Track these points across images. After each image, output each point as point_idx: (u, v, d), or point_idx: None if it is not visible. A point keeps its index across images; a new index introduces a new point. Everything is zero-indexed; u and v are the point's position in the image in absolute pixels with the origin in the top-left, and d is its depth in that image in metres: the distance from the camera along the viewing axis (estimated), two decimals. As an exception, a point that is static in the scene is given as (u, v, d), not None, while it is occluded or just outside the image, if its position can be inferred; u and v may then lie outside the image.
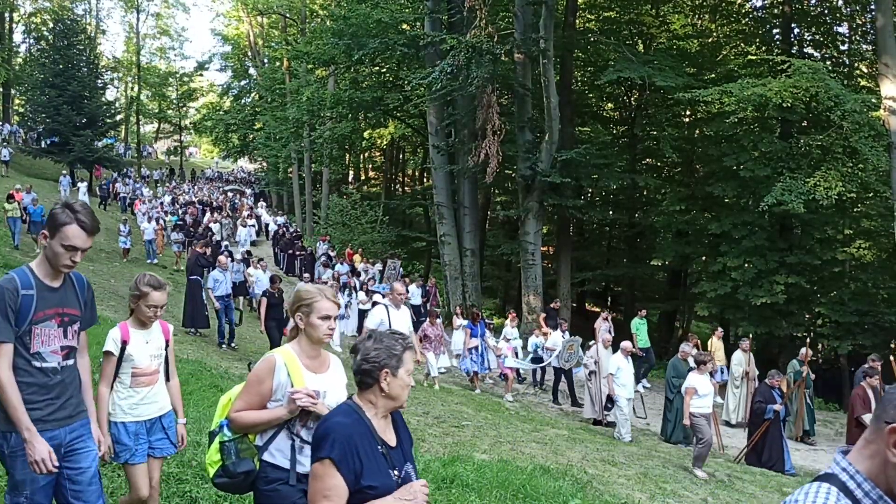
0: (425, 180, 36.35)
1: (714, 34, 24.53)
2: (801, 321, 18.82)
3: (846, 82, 17.74)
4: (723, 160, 19.25)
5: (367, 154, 45.74)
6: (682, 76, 18.96)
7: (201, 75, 55.90)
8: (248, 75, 49.67)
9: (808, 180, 14.99)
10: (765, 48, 21.09)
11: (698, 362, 8.41)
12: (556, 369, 13.12)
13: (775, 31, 22.21)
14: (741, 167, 18.62)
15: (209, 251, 15.32)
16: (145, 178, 44.19)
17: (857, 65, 21.84)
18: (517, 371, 13.88)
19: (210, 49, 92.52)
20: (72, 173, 29.42)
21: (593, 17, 25.75)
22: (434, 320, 12.48)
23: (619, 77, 19.42)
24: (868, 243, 20.67)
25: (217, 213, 29.26)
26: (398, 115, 28.41)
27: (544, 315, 16.88)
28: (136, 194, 31.98)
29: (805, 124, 19.09)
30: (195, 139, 66.03)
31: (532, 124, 19.40)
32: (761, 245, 17.94)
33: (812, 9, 21.70)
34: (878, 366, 9.50)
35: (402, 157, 43.42)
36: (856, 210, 19.80)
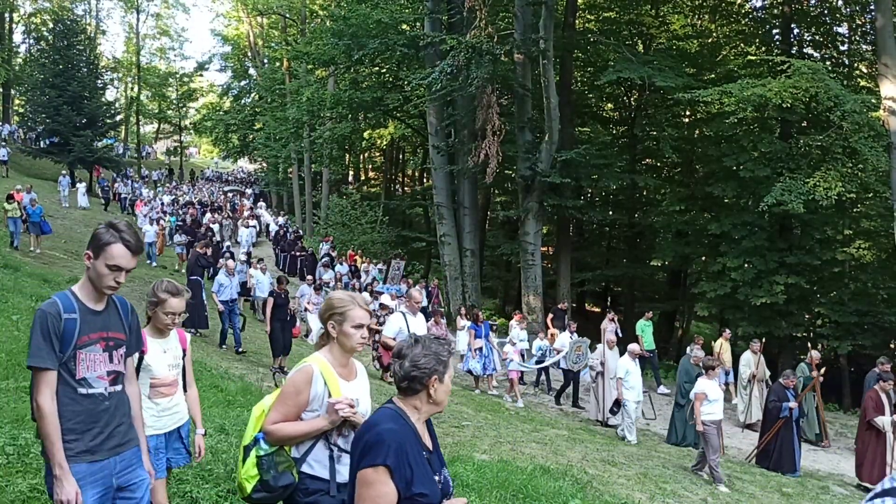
0: (425, 180, 36.35)
1: (714, 34, 24.53)
2: (801, 321, 18.82)
3: (846, 82, 17.73)
4: (722, 160, 19.26)
5: (367, 154, 45.76)
6: (681, 76, 18.97)
7: (201, 75, 56.07)
8: (247, 76, 49.69)
9: (807, 180, 15.00)
10: (764, 48, 21.11)
11: (706, 367, 8.24)
12: (564, 371, 12.89)
13: (775, 31, 22.20)
14: (741, 167, 18.62)
15: (209, 251, 15.32)
16: (144, 178, 44.19)
17: (856, 65, 21.84)
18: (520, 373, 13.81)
19: (210, 49, 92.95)
20: (71, 174, 29.40)
21: (593, 18, 25.76)
22: (439, 320, 12.47)
23: (618, 77, 19.43)
24: (868, 243, 20.65)
25: (217, 214, 29.23)
26: (398, 115, 28.42)
27: (551, 316, 16.73)
28: (136, 195, 31.97)
29: (805, 124, 19.09)
30: (195, 139, 66.05)
31: (532, 124, 19.40)
32: (761, 245, 17.94)
33: (812, 9, 21.69)
34: (888, 368, 9.44)
35: (402, 157, 43.42)
36: (855, 210, 19.81)
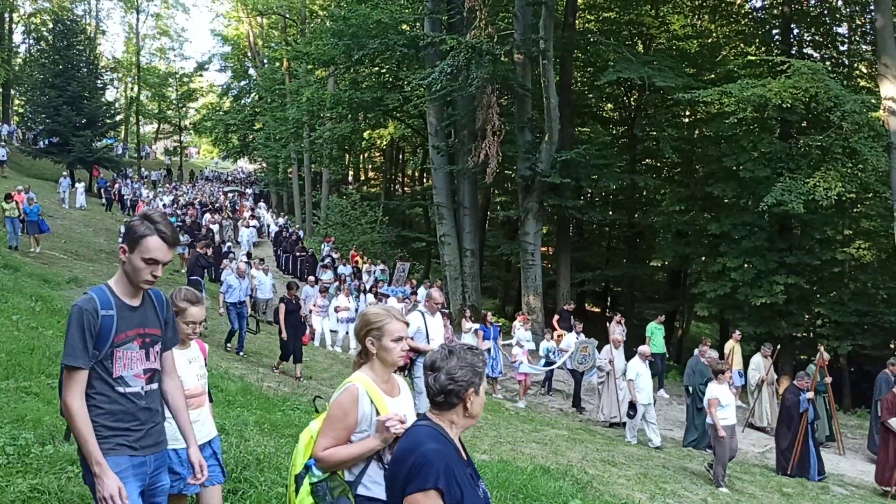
0: (425, 180, 36.34)
1: (714, 35, 24.52)
2: (801, 321, 18.82)
3: (846, 83, 17.72)
4: (722, 160, 19.25)
5: (366, 154, 45.76)
6: (681, 76, 18.98)
7: (201, 76, 56.00)
8: (247, 76, 49.68)
9: (807, 181, 15.01)
10: (764, 49, 21.12)
11: (716, 372, 8.16)
12: (571, 372, 12.82)
13: (775, 31, 22.20)
14: (741, 167, 18.62)
15: (210, 252, 15.33)
16: (143, 178, 44.17)
17: (856, 65, 21.84)
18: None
19: (210, 49, 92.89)
20: (71, 174, 29.38)
21: (593, 18, 25.76)
22: (445, 322, 12.46)
23: (618, 77, 19.43)
24: (868, 244, 20.64)
25: (217, 215, 29.23)
26: (398, 115, 28.42)
27: (557, 317, 16.67)
28: (138, 196, 31.98)
29: (805, 125, 19.09)
30: (195, 139, 66.05)
31: (532, 125, 19.40)
32: (761, 245, 17.94)
33: (812, 9, 21.69)
34: None
35: (401, 157, 43.41)
36: (855, 210, 19.80)
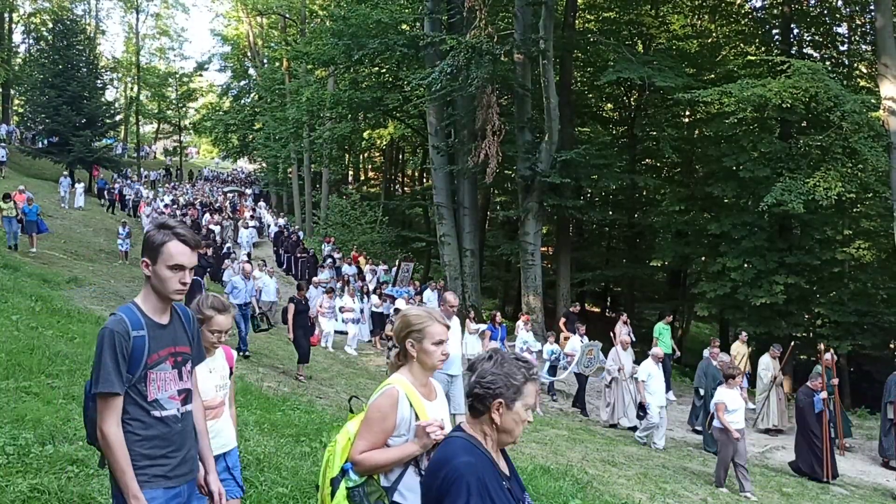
0: (425, 180, 36.34)
1: (713, 35, 24.53)
2: (801, 321, 18.83)
3: (846, 83, 17.72)
4: (722, 160, 19.26)
5: (366, 154, 45.75)
6: (681, 76, 18.97)
7: (201, 76, 55.99)
8: (247, 76, 49.68)
9: (807, 180, 15.01)
10: (764, 49, 21.13)
11: (727, 376, 8.10)
12: (577, 375, 12.78)
13: (775, 31, 22.22)
14: (741, 167, 18.63)
15: (210, 252, 15.33)
16: (143, 178, 44.16)
17: (856, 65, 21.84)
18: None
19: (210, 49, 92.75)
20: (71, 174, 29.38)
21: (593, 18, 25.75)
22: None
23: (618, 77, 19.42)
24: (867, 244, 20.63)
25: (217, 215, 29.21)
26: (398, 115, 28.42)
27: (564, 319, 16.62)
28: (139, 196, 31.98)
29: (805, 125, 19.10)
30: (194, 139, 66.04)
31: (532, 124, 19.40)
32: (761, 245, 17.95)
33: (811, 9, 21.71)
34: None
35: (401, 157, 43.40)
36: (855, 210, 19.81)
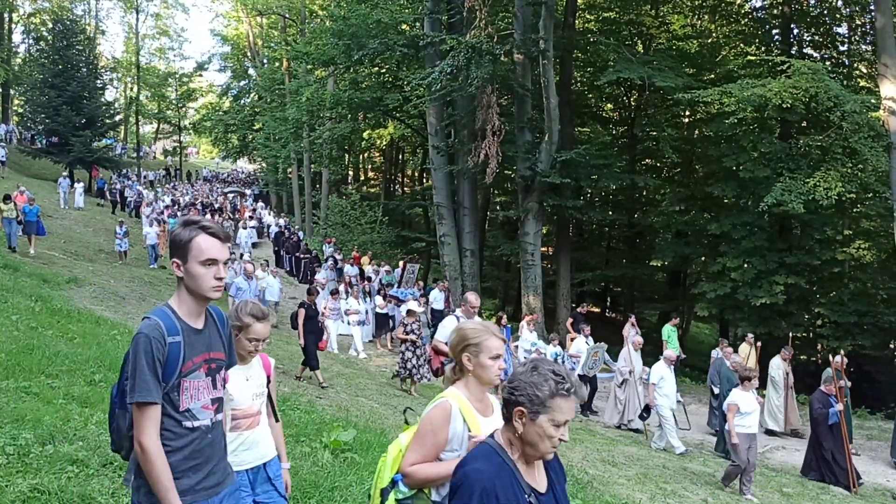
0: (425, 181, 36.31)
1: (713, 35, 24.53)
2: (801, 321, 18.84)
3: (846, 83, 17.74)
4: (722, 161, 19.27)
5: (366, 154, 45.72)
6: (681, 76, 18.98)
7: (200, 76, 55.98)
8: (247, 76, 49.68)
9: (807, 181, 15.03)
10: (764, 49, 21.12)
11: (742, 378, 7.91)
12: (581, 377, 12.62)
13: (775, 31, 22.23)
14: (741, 168, 18.63)
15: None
16: (143, 178, 44.14)
17: (856, 65, 21.85)
18: None
19: (209, 49, 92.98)
20: (71, 174, 29.36)
21: (593, 18, 25.75)
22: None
23: (618, 77, 19.42)
24: (867, 244, 20.65)
25: (217, 216, 29.20)
26: (398, 115, 28.40)
27: (571, 320, 16.60)
28: (141, 197, 31.99)
29: (805, 125, 19.11)
30: (194, 140, 66.03)
31: (532, 125, 19.39)
32: (761, 245, 17.95)
33: (811, 9, 21.72)
34: None
35: (401, 157, 43.39)
36: (855, 210, 19.82)
